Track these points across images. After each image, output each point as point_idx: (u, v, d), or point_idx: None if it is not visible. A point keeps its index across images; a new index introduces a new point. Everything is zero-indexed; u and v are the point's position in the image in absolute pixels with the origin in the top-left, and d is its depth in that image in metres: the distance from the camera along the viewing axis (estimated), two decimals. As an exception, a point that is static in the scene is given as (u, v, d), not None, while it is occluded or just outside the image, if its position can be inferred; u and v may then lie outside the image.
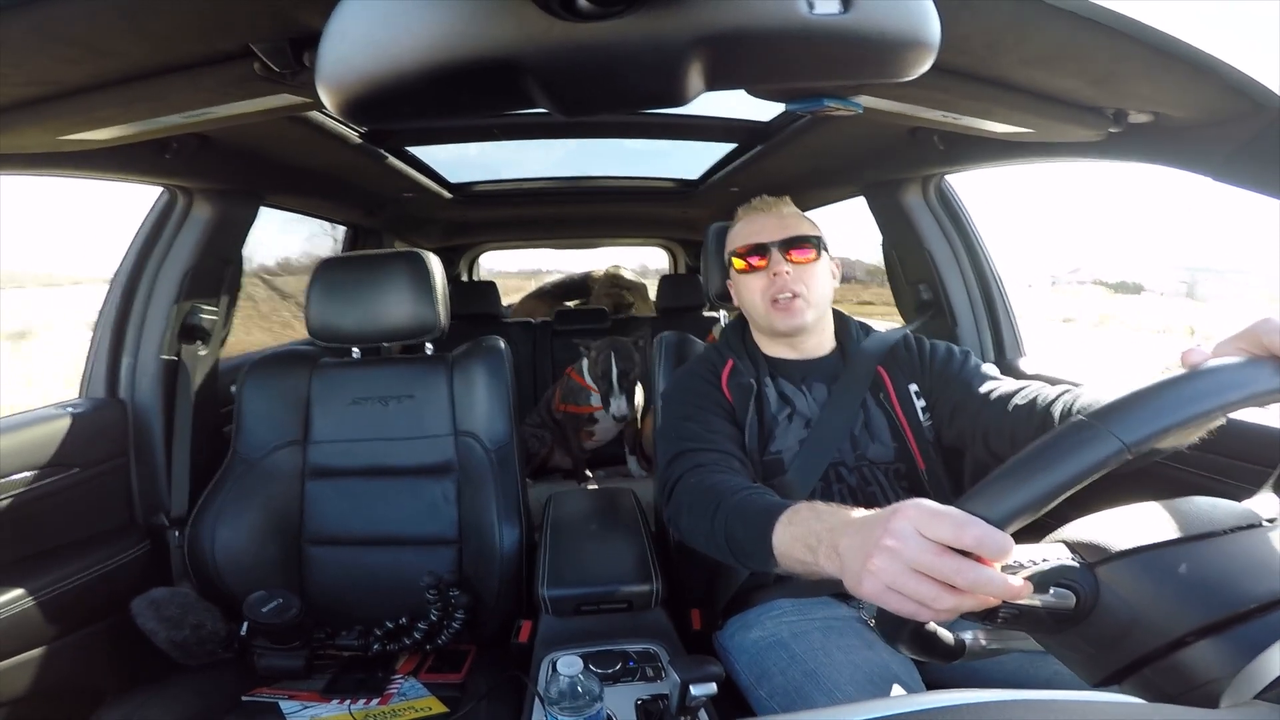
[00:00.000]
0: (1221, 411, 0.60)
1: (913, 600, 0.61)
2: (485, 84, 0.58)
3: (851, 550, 0.70)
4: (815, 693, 1.02)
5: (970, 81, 1.02)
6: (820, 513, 0.84)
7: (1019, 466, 0.60)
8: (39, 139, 1.08)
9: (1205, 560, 0.56)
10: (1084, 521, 0.63)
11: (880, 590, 0.63)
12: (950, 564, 0.58)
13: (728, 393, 1.32)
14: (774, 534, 0.89)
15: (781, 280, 1.29)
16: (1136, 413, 0.58)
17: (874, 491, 1.25)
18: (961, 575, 0.57)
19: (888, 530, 0.63)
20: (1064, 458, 0.58)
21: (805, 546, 0.82)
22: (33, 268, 15.29)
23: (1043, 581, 0.58)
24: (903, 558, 0.61)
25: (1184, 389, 0.59)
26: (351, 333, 1.63)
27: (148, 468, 1.72)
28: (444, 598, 1.42)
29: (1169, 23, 0.79)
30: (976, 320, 2.01)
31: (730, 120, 1.99)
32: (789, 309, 1.29)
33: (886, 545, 0.63)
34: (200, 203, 1.75)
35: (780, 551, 0.88)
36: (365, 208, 2.76)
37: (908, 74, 0.62)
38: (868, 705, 0.46)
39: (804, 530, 0.84)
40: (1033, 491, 0.58)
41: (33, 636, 1.35)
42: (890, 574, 0.62)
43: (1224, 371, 0.61)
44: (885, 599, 0.63)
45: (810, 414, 1.30)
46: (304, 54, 0.86)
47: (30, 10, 0.71)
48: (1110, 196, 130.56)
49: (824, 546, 0.77)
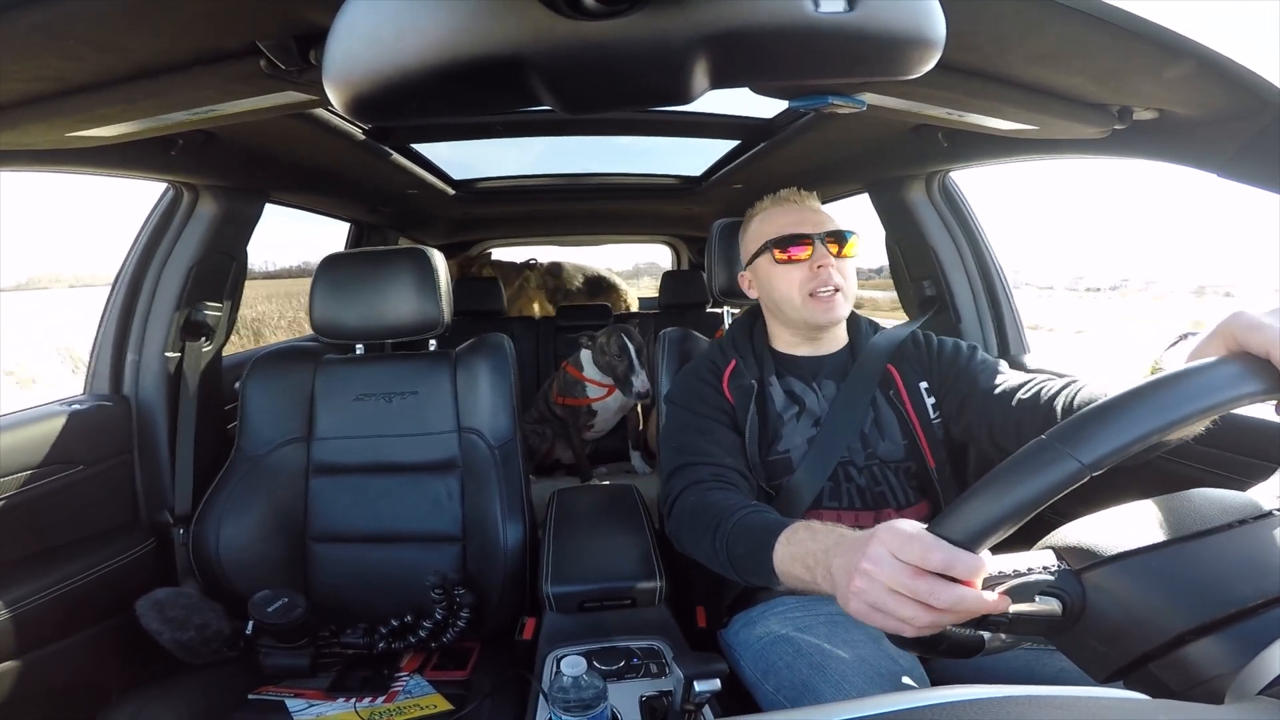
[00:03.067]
0: (1187, 424, 0.57)
1: (895, 619, 0.64)
2: (491, 82, 0.58)
3: (840, 571, 0.74)
4: (823, 686, 1.02)
5: (975, 79, 1.01)
6: (816, 532, 0.87)
7: (983, 489, 0.60)
8: (45, 135, 1.08)
9: (1203, 558, 0.56)
10: (1075, 525, 0.63)
11: (865, 610, 0.67)
12: (924, 585, 0.61)
13: (729, 394, 1.31)
14: (774, 553, 0.92)
15: (825, 273, 1.25)
16: (1095, 432, 0.57)
17: (883, 491, 1.25)
18: (935, 596, 0.60)
19: (865, 554, 0.67)
20: (1024, 479, 0.58)
21: (804, 566, 0.85)
22: (68, 268, 15.59)
23: (1025, 592, 0.59)
24: (880, 580, 0.65)
25: (1144, 404, 0.57)
26: (355, 329, 1.63)
27: (152, 465, 1.73)
28: (449, 597, 1.42)
29: (1174, 20, 0.78)
30: (980, 317, 2.01)
31: (733, 117, 1.99)
32: (829, 303, 1.26)
33: (864, 569, 0.66)
34: (205, 199, 1.75)
35: (781, 570, 0.91)
36: (369, 204, 2.77)
37: (913, 72, 0.62)
38: (875, 701, 0.46)
39: (801, 550, 0.87)
40: (997, 512, 0.58)
41: (38, 635, 1.36)
42: (871, 595, 0.66)
43: (1187, 381, 0.59)
44: (871, 618, 0.67)
45: (820, 412, 1.29)
46: (310, 52, 0.86)
47: (36, 8, 0.71)
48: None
49: (820, 567, 0.81)
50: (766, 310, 1.40)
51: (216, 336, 1.88)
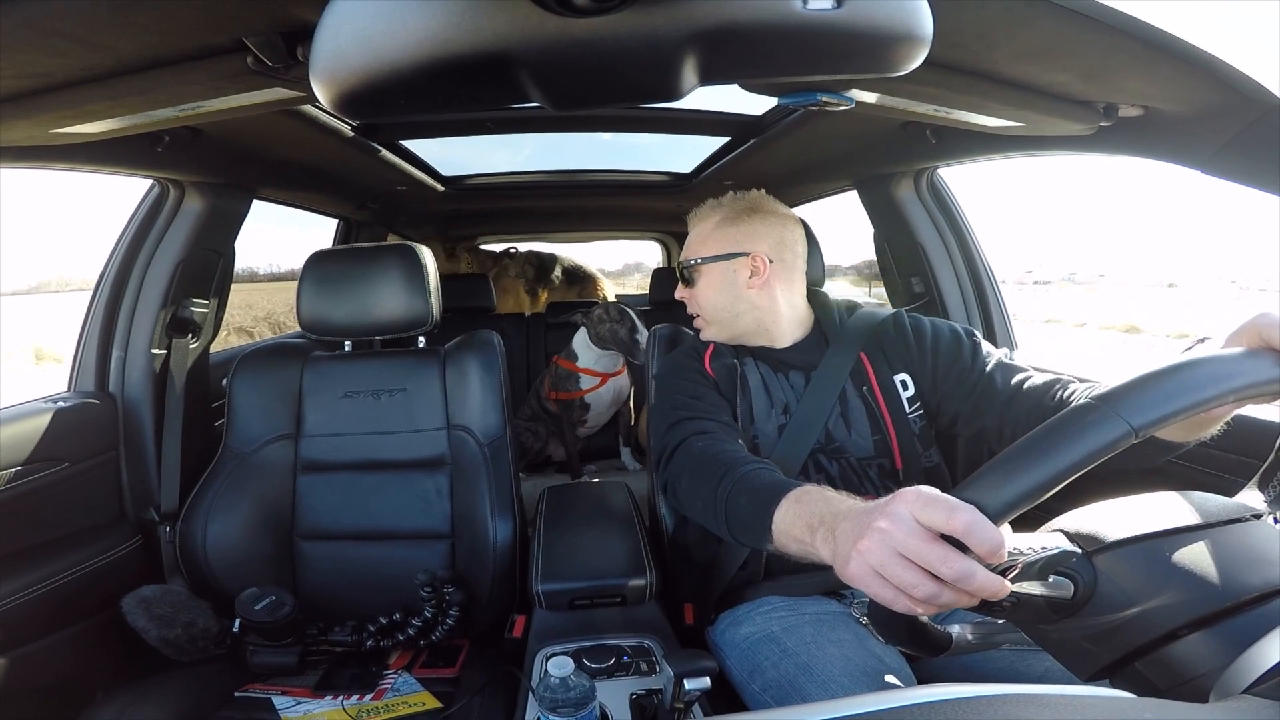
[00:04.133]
0: (1225, 400, 0.60)
1: (893, 585, 0.62)
2: (479, 78, 0.58)
3: (846, 534, 0.71)
4: (809, 685, 1.02)
5: (962, 76, 1.02)
6: (830, 498, 0.84)
7: (1021, 453, 0.59)
8: (29, 132, 1.07)
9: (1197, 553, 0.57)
10: (1079, 512, 0.63)
11: (864, 573, 0.64)
12: (937, 551, 0.59)
13: (710, 371, 1.32)
14: (778, 509, 0.89)
15: (690, 305, 1.41)
16: (1143, 396, 0.58)
17: (854, 480, 1.24)
18: (946, 564, 0.58)
19: (884, 513, 0.63)
20: (1068, 442, 0.57)
21: (806, 525, 0.82)
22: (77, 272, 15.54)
23: (1044, 568, 0.59)
24: (893, 540, 0.62)
25: (1188, 375, 0.60)
26: (343, 325, 1.62)
27: (138, 462, 1.72)
28: (438, 594, 1.42)
29: (1160, 17, 0.79)
30: (968, 312, 2.02)
31: (723, 114, 1.99)
32: (699, 327, 1.42)
33: (879, 527, 0.63)
34: (192, 196, 1.74)
35: (779, 529, 0.88)
36: (358, 201, 2.75)
37: (900, 69, 0.62)
38: (861, 700, 0.46)
39: (809, 510, 0.84)
40: (1037, 476, 0.57)
41: (22, 633, 1.35)
42: (877, 556, 0.63)
43: (1228, 360, 0.62)
44: (867, 582, 0.64)
45: (788, 400, 1.28)
46: (297, 48, 0.86)
47: (22, 4, 0.70)
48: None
49: (824, 528, 0.78)
50: None
51: (203, 333, 1.86)
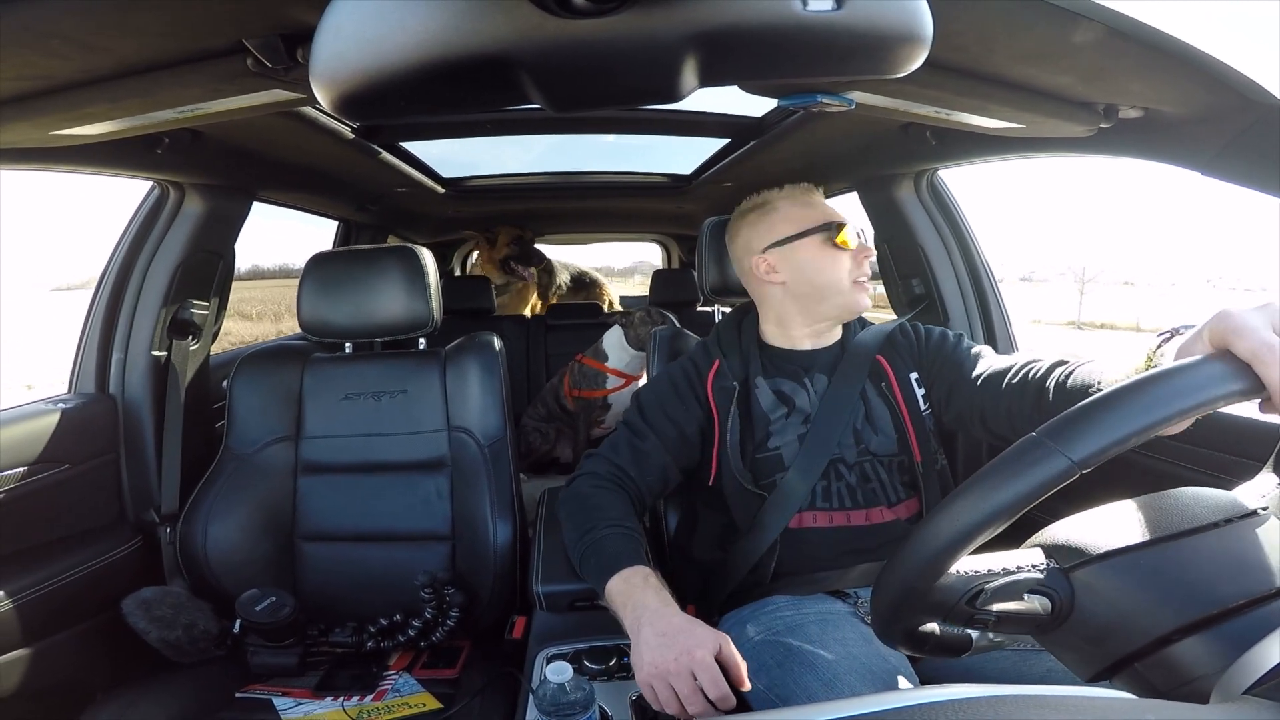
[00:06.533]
0: (1182, 419, 0.55)
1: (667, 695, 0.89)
2: (479, 80, 0.58)
3: (647, 641, 0.93)
4: (815, 684, 1.02)
5: (963, 78, 1.02)
6: (651, 589, 1.03)
7: (971, 487, 0.57)
8: (29, 134, 1.07)
9: (1189, 557, 0.56)
10: (1063, 524, 0.63)
11: (649, 679, 0.90)
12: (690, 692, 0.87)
13: (711, 396, 1.30)
14: (611, 581, 1.06)
15: (867, 264, 1.31)
16: (1084, 429, 0.55)
17: (874, 488, 1.24)
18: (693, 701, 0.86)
19: (676, 656, 0.89)
20: (1013, 480, 0.55)
21: (622, 605, 1.02)
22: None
23: (1013, 591, 0.58)
24: (668, 682, 0.88)
25: (1135, 401, 0.55)
26: (344, 327, 1.62)
27: (138, 464, 1.72)
28: (439, 596, 1.42)
29: (1160, 19, 0.79)
30: (968, 314, 2.01)
31: (723, 116, 1.99)
32: (865, 291, 1.31)
33: (669, 669, 0.88)
34: (192, 198, 1.74)
35: (609, 596, 1.06)
36: (358, 203, 2.76)
37: (901, 70, 0.62)
38: (866, 700, 0.46)
39: (627, 596, 1.02)
40: (982, 512, 0.56)
41: (22, 634, 1.35)
42: (659, 684, 0.89)
43: (1174, 379, 0.56)
44: (648, 688, 0.90)
45: (810, 409, 1.27)
46: (297, 50, 0.86)
47: (22, 6, 0.70)
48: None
49: (631, 617, 0.98)
50: (786, 299, 1.33)
51: (204, 335, 1.87)
